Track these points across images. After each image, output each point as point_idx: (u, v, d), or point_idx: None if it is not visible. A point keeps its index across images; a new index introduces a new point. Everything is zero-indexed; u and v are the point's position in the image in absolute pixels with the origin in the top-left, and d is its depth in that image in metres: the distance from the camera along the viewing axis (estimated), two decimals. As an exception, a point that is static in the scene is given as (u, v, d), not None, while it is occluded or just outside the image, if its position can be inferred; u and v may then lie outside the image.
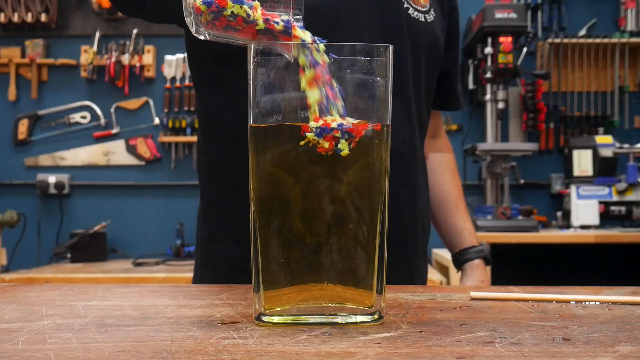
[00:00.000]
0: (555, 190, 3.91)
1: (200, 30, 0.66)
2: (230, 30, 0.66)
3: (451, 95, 1.32)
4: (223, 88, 1.08)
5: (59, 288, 0.84)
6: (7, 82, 4.01)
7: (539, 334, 0.58)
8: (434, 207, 1.31)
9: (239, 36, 0.67)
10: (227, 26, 0.65)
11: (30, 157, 4.01)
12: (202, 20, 0.65)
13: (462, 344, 0.54)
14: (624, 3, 3.96)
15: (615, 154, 3.48)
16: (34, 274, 3.02)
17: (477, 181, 3.92)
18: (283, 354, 0.51)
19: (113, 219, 3.86)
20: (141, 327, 0.61)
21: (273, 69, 0.62)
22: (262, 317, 0.62)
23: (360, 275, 0.63)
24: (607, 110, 4.01)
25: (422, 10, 1.13)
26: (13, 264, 3.72)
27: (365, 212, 0.62)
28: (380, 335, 0.57)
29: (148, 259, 3.49)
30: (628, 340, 0.56)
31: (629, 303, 0.74)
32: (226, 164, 1.09)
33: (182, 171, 3.97)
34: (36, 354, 0.51)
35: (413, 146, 1.12)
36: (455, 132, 3.96)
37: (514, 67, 3.39)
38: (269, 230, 0.62)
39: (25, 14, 3.92)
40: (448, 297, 0.79)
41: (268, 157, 0.62)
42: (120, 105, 4.00)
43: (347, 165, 0.61)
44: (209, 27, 0.66)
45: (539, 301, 0.75)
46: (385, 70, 0.63)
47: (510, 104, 3.93)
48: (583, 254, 3.48)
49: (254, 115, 0.62)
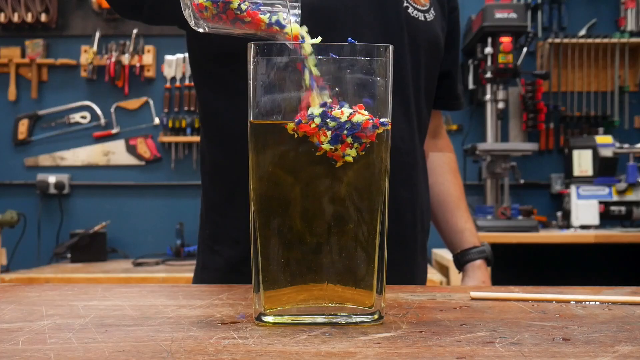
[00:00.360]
0: (555, 190, 3.91)
1: (199, 23, 0.66)
2: (238, 22, 0.66)
3: (452, 95, 1.31)
4: (224, 89, 1.08)
5: (59, 288, 0.84)
6: (7, 82, 4.01)
7: (539, 334, 0.58)
8: (435, 207, 1.31)
9: (241, 29, 0.67)
10: (234, 19, 0.65)
11: (30, 157, 4.01)
12: (207, 15, 0.65)
13: (462, 344, 0.54)
14: (624, 3, 3.96)
15: (615, 154, 3.48)
16: (34, 274, 3.02)
17: (477, 181, 3.92)
18: (283, 354, 0.51)
19: (113, 219, 3.86)
20: (141, 327, 0.61)
21: (273, 69, 0.62)
22: (262, 317, 0.62)
23: (360, 275, 0.63)
24: (607, 110, 4.01)
25: (422, 9, 1.13)
26: (13, 264, 3.72)
27: (365, 212, 0.62)
28: (380, 335, 0.57)
29: (148, 259, 3.48)
30: (628, 340, 0.56)
31: (629, 303, 0.74)
32: (226, 164, 1.09)
33: (182, 171, 3.97)
34: (36, 354, 0.51)
35: (413, 146, 1.12)
36: (455, 132, 3.96)
37: (514, 67, 3.39)
38: (269, 230, 0.62)
39: (25, 14, 3.92)
40: (448, 297, 0.79)
41: (268, 157, 0.62)
42: (120, 105, 4.00)
43: (347, 165, 0.61)
44: (214, 21, 0.66)
45: (539, 301, 0.75)
46: (385, 70, 0.63)
47: (510, 104, 3.93)
48: (583, 254, 3.48)
49: (254, 115, 0.62)
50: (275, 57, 0.62)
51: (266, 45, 0.62)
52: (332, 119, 0.60)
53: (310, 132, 0.60)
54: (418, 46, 1.12)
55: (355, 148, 0.61)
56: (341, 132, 0.60)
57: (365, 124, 0.60)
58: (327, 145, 0.60)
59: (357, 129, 0.60)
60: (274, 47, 0.62)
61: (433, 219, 1.31)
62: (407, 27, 1.10)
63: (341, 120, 0.60)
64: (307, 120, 0.60)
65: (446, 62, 1.24)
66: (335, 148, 0.60)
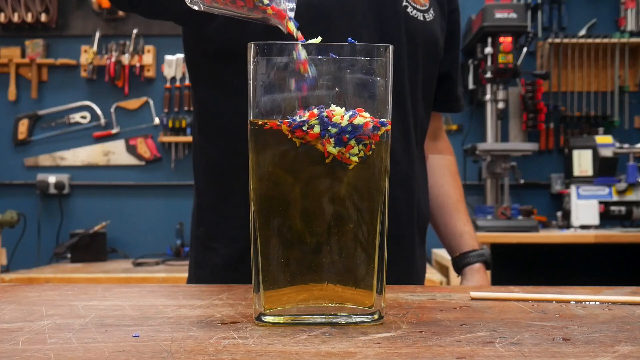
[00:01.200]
0: (555, 190, 3.91)
1: (194, 0, 0.66)
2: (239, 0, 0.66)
3: (451, 96, 1.31)
4: (220, 86, 1.07)
5: (59, 288, 0.84)
6: (7, 82, 4.01)
7: (539, 334, 0.58)
8: (434, 209, 1.30)
9: (235, 9, 0.66)
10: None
11: (30, 157, 4.01)
12: None
13: (462, 344, 0.54)
14: (624, 3, 3.96)
15: (615, 154, 3.48)
16: (34, 274, 3.02)
17: (477, 181, 3.92)
18: (283, 354, 0.51)
19: (113, 219, 3.86)
20: (141, 327, 0.61)
21: (273, 69, 0.62)
22: (262, 317, 0.62)
23: (360, 275, 0.63)
24: (607, 110, 4.01)
25: (422, 9, 1.13)
26: (13, 264, 3.72)
27: (365, 212, 0.62)
28: (380, 335, 0.57)
29: (148, 259, 3.49)
30: (628, 340, 0.56)
31: (629, 303, 0.74)
32: (224, 163, 1.08)
33: (182, 171, 3.96)
34: (36, 354, 0.51)
35: (408, 145, 1.12)
36: (455, 132, 3.97)
37: (514, 67, 3.39)
38: (269, 230, 0.62)
39: (25, 14, 3.92)
40: (448, 297, 0.79)
41: (268, 157, 0.62)
42: (120, 105, 4.00)
43: (347, 165, 0.61)
44: None
45: (539, 301, 0.75)
46: (385, 70, 0.63)
47: (510, 104, 3.93)
48: (583, 254, 3.48)
49: (254, 115, 0.62)
50: (275, 57, 0.62)
51: (266, 45, 0.62)
52: (333, 126, 0.60)
53: (313, 139, 0.60)
54: (416, 46, 1.11)
55: (361, 150, 0.61)
56: (343, 135, 0.60)
57: (365, 125, 0.60)
58: (334, 149, 0.60)
59: (359, 131, 0.60)
60: (274, 47, 0.62)
61: (432, 222, 1.31)
62: (405, 27, 1.09)
63: (342, 124, 0.60)
64: (306, 127, 0.60)
65: (445, 63, 1.24)
66: (341, 151, 0.60)
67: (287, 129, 0.60)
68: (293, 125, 0.60)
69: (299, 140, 0.60)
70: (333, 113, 0.60)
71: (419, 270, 1.19)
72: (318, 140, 0.60)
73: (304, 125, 0.60)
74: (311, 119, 0.60)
